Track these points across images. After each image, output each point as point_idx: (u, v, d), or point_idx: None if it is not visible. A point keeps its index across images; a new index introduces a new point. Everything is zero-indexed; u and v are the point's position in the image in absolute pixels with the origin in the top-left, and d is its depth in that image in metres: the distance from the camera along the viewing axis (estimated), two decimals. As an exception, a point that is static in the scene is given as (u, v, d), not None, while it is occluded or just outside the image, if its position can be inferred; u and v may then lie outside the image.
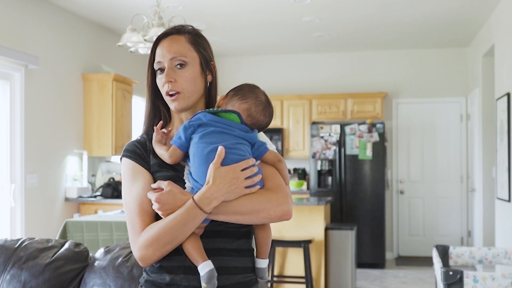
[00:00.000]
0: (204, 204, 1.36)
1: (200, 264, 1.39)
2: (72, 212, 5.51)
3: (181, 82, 1.50)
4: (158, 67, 1.53)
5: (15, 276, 2.08)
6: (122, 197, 1.53)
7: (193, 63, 1.53)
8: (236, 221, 1.42)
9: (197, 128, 1.44)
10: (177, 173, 1.47)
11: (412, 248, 7.58)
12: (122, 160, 1.54)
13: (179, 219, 1.37)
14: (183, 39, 1.55)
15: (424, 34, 6.65)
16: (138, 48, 4.47)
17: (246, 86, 1.55)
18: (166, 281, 1.44)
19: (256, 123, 1.52)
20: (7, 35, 4.64)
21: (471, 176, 7.25)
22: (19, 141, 4.78)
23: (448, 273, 2.95)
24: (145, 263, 1.43)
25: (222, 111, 1.48)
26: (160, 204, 1.38)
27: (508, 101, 4.91)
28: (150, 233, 1.40)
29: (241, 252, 1.49)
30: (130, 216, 1.46)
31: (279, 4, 5.37)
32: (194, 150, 1.43)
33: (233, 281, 1.46)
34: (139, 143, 1.54)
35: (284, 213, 1.43)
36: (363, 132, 6.86)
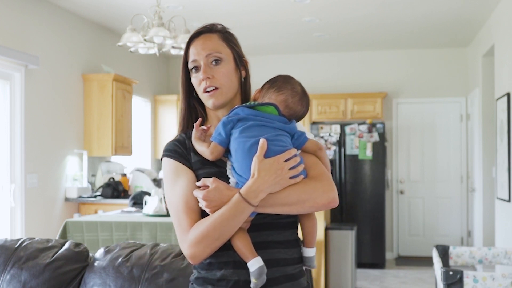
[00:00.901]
0: (251, 197, 1.37)
1: (250, 261, 1.40)
2: (72, 212, 5.51)
3: (218, 78, 1.52)
4: (193, 65, 1.54)
5: (15, 276, 2.08)
6: (166, 197, 1.54)
7: (228, 59, 1.55)
8: (282, 212, 1.42)
9: (236, 123, 1.45)
10: (220, 169, 1.48)
11: (412, 248, 7.58)
12: (163, 160, 1.55)
13: (227, 214, 1.37)
14: (215, 36, 1.57)
15: (424, 34, 6.65)
16: (138, 48, 4.47)
17: (281, 77, 1.56)
18: (217, 276, 1.46)
19: (294, 113, 1.53)
20: (7, 35, 4.64)
21: (471, 176, 7.25)
22: (19, 141, 4.78)
23: (448, 273, 2.95)
24: (196, 260, 1.44)
25: (259, 105, 1.49)
26: (207, 201, 1.39)
27: (508, 101, 4.91)
28: (198, 230, 1.41)
29: (288, 243, 1.49)
30: (176, 215, 1.47)
31: (279, 4, 5.36)
32: (235, 145, 1.43)
33: (282, 273, 1.46)
34: (179, 142, 1.55)
35: (331, 201, 1.43)
36: (363, 132, 6.86)
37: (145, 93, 7.20)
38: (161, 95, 7.54)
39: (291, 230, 1.51)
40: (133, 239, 3.92)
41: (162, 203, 4.29)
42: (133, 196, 5.02)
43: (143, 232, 3.94)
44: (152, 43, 4.33)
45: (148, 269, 2.03)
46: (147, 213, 4.28)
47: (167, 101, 7.41)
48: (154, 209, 4.25)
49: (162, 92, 7.76)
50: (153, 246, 2.17)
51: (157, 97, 7.44)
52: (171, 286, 1.97)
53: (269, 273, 1.42)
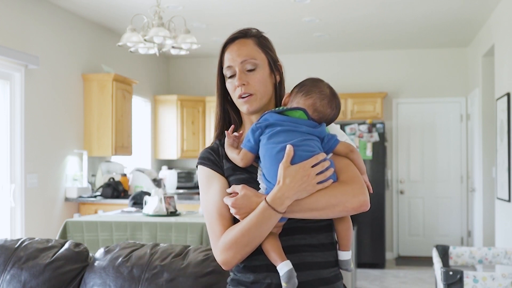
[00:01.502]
0: (277, 205, 1.37)
1: (279, 264, 1.40)
2: (72, 212, 5.51)
3: (253, 84, 1.53)
4: (229, 72, 1.55)
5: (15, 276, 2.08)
6: (200, 203, 1.58)
7: (263, 65, 1.56)
8: (312, 217, 1.42)
9: (265, 129, 1.46)
10: (251, 175, 1.50)
11: (412, 248, 7.58)
12: (198, 167, 1.58)
13: (255, 221, 1.39)
14: (250, 42, 1.57)
15: (424, 34, 6.65)
16: (138, 48, 4.47)
17: (309, 81, 1.56)
18: (251, 279, 1.48)
19: (324, 116, 1.52)
20: (7, 35, 4.64)
21: (471, 176, 7.25)
22: (19, 141, 4.78)
23: (448, 273, 2.95)
24: (227, 266, 1.46)
25: (288, 109, 1.49)
26: (236, 208, 1.41)
27: (508, 101, 4.91)
28: (228, 237, 1.43)
29: (322, 246, 1.49)
30: (209, 221, 1.50)
31: (279, 4, 5.36)
32: (264, 151, 1.44)
33: (315, 277, 1.46)
34: (212, 149, 1.58)
35: (361, 204, 1.43)
36: (363, 132, 6.86)
37: (145, 93, 7.20)
38: (161, 95, 7.54)
39: (326, 233, 1.51)
40: (133, 239, 3.92)
41: (162, 203, 4.29)
42: (133, 196, 5.02)
43: (143, 232, 3.94)
44: (152, 43, 4.33)
45: (148, 269, 2.03)
46: (147, 213, 4.28)
47: (167, 101, 7.41)
48: (154, 209, 4.25)
49: (162, 92, 7.76)
50: (153, 246, 2.17)
51: (157, 97, 7.44)
52: (171, 286, 1.97)
53: (302, 277, 1.42)
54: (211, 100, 7.48)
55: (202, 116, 7.55)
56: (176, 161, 7.83)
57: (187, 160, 7.83)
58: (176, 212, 4.37)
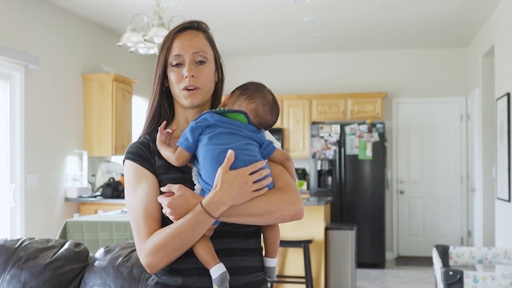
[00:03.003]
0: (212, 209, 1.33)
1: (212, 267, 1.37)
2: (72, 212, 5.51)
3: (201, 78, 1.49)
4: (176, 60, 1.49)
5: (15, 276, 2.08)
6: (125, 201, 1.49)
7: (211, 60, 1.53)
8: (249, 222, 1.40)
9: (205, 129, 1.42)
10: (185, 174, 1.44)
11: (412, 248, 7.58)
12: (125, 162, 1.49)
13: (187, 224, 1.34)
14: (201, 35, 1.54)
15: (424, 34, 6.65)
16: (138, 48, 4.47)
17: (253, 85, 1.53)
18: (179, 283, 1.42)
19: (263, 122, 1.50)
20: (7, 35, 4.64)
21: (471, 176, 7.25)
22: (19, 141, 4.78)
23: (448, 273, 2.95)
24: (153, 270, 1.40)
25: (229, 111, 1.46)
26: (172, 208, 1.35)
27: (508, 101, 4.91)
28: (157, 239, 1.37)
29: (250, 251, 1.47)
30: (135, 221, 1.43)
31: (279, 4, 5.36)
32: (204, 152, 1.40)
33: (244, 281, 1.44)
34: (143, 144, 1.50)
35: (297, 213, 1.41)
36: (363, 132, 6.86)
37: (145, 93, 7.20)
38: (161, 95, 7.53)
39: (254, 238, 1.49)
40: (133, 239, 3.92)
41: (162, 203, 4.28)
42: (133, 196, 5.02)
43: (143, 232, 3.94)
44: (152, 43, 4.33)
45: (148, 269, 2.02)
46: (147, 213, 4.27)
47: (167, 101, 7.39)
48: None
49: (162, 92, 7.75)
50: (153, 246, 2.16)
51: (157, 97, 7.43)
52: (171, 286, 1.97)
53: (232, 281, 1.39)
54: (211, 100, 7.48)
55: (202, 116, 7.54)
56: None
57: (187, 160, 7.82)
58: (176, 212, 4.37)
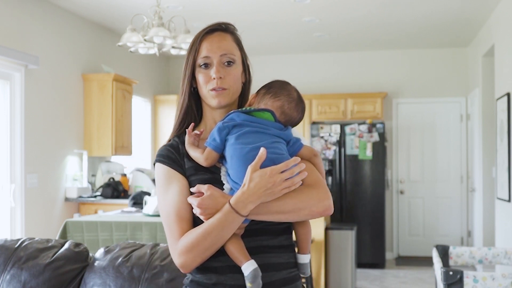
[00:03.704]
0: (240, 208, 1.34)
1: (244, 264, 1.38)
2: (72, 212, 5.51)
3: (228, 79, 1.51)
4: (204, 62, 1.51)
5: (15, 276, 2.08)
6: (157, 203, 1.52)
7: (238, 62, 1.55)
8: (278, 219, 1.41)
9: (232, 129, 1.43)
10: (214, 175, 1.46)
11: (412, 248, 7.58)
12: (155, 165, 1.52)
13: (217, 224, 1.36)
14: (229, 37, 1.56)
15: (424, 34, 6.65)
16: (138, 48, 4.47)
17: (277, 83, 1.54)
18: (213, 281, 1.44)
19: (290, 120, 1.51)
20: (7, 35, 4.64)
21: (471, 176, 7.25)
22: (19, 141, 4.78)
23: (448, 273, 2.95)
24: (186, 269, 1.42)
25: (255, 110, 1.47)
26: (201, 209, 1.37)
27: (508, 101, 4.91)
28: (189, 239, 1.40)
29: (282, 248, 1.48)
30: (167, 222, 1.45)
31: (279, 4, 5.36)
32: (231, 152, 1.41)
33: (278, 277, 1.45)
34: (172, 147, 1.53)
35: (326, 209, 1.42)
36: (363, 132, 6.86)
37: (145, 93, 7.20)
38: (161, 95, 7.54)
39: (286, 235, 1.50)
40: (133, 239, 3.92)
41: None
42: (133, 196, 5.02)
43: (143, 232, 3.94)
44: (152, 43, 4.33)
45: (148, 269, 2.02)
46: (147, 213, 4.28)
47: (167, 101, 7.41)
48: (154, 209, 4.25)
49: (162, 92, 7.76)
50: (153, 246, 2.17)
51: (157, 97, 7.44)
52: (171, 286, 1.97)
53: (266, 277, 1.41)
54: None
55: (202, 116, 7.54)
56: (176, 161, 7.83)
57: (187, 160, 7.82)
58: (176, 212, 4.36)
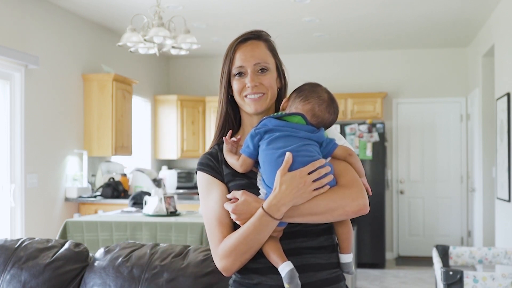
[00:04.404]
0: (273, 211, 1.38)
1: (280, 265, 1.41)
2: (72, 212, 5.51)
3: (265, 85, 1.54)
4: (239, 71, 1.55)
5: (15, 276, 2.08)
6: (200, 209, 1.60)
7: (273, 68, 1.58)
8: (312, 221, 1.43)
9: (264, 134, 1.46)
10: (250, 180, 1.50)
11: (412, 248, 7.58)
12: (197, 173, 1.59)
13: (252, 228, 1.40)
14: (262, 45, 1.59)
15: (424, 34, 6.65)
16: (138, 48, 4.47)
17: (308, 85, 1.56)
18: (254, 281, 1.49)
19: (322, 121, 1.52)
20: (7, 35, 4.64)
21: (471, 176, 7.25)
22: (19, 141, 4.78)
23: (448, 273, 2.95)
24: (228, 272, 1.47)
25: (286, 115, 1.49)
26: (236, 214, 1.42)
27: (508, 101, 4.91)
28: (227, 244, 1.45)
29: (323, 249, 1.50)
30: (209, 228, 1.51)
31: (279, 4, 5.36)
32: (263, 157, 1.44)
33: (318, 278, 1.47)
34: (211, 155, 1.59)
35: (361, 208, 1.44)
36: (363, 132, 6.86)
37: (145, 93, 7.20)
38: (161, 95, 7.54)
39: (326, 236, 1.52)
40: (133, 239, 3.92)
41: (162, 203, 4.29)
42: (133, 196, 5.02)
43: (143, 232, 3.94)
44: (152, 43, 4.33)
45: (148, 269, 2.03)
46: (147, 213, 4.28)
47: (167, 101, 7.41)
48: (154, 209, 4.25)
49: (162, 92, 7.76)
50: (153, 246, 2.17)
51: (157, 97, 7.44)
52: (171, 286, 1.97)
53: (305, 278, 1.44)
54: (211, 100, 7.48)
55: (202, 116, 7.55)
56: (176, 161, 7.83)
57: (187, 160, 7.82)
58: (176, 212, 4.37)
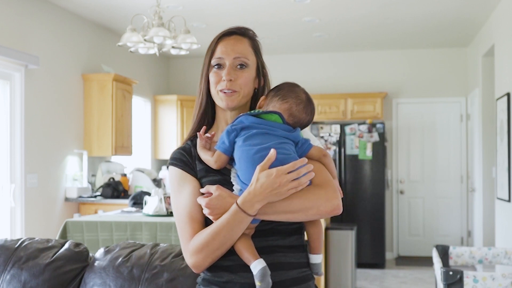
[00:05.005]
0: (247, 207, 1.37)
1: (252, 263, 1.40)
2: (72, 212, 5.51)
3: (239, 82, 1.53)
4: (217, 62, 1.55)
5: (15, 276, 2.08)
6: (171, 205, 1.56)
7: (252, 66, 1.58)
8: (286, 219, 1.43)
9: (240, 131, 1.46)
10: (224, 176, 1.50)
11: (412, 248, 7.58)
12: (169, 168, 1.57)
13: (226, 224, 1.38)
14: (246, 41, 1.59)
15: (424, 34, 6.65)
16: (138, 48, 4.47)
17: (286, 85, 1.57)
18: (224, 279, 1.47)
19: (298, 121, 1.53)
20: (7, 35, 4.64)
21: (471, 176, 7.25)
22: (19, 141, 4.78)
23: (448, 273, 2.95)
24: (198, 269, 1.46)
25: (263, 113, 1.50)
26: (210, 209, 1.40)
27: (508, 101, 4.91)
28: (199, 240, 1.43)
29: (293, 248, 1.50)
30: (180, 224, 1.49)
31: (279, 4, 5.36)
32: (239, 154, 1.44)
33: (288, 277, 1.47)
34: (184, 150, 1.57)
35: (334, 208, 1.44)
36: (363, 132, 6.86)
37: (145, 93, 7.20)
38: (161, 95, 7.54)
39: (297, 235, 1.52)
40: (133, 239, 3.92)
41: (162, 203, 4.28)
42: (133, 196, 5.02)
43: (143, 232, 3.94)
44: (152, 43, 4.33)
45: (148, 269, 2.02)
46: (147, 213, 4.28)
47: (167, 101, 7.41)
48: (154, 209, 4.25)
49: (162, 92, 7.76)
50: (153, 246, 2.17)
51: (157, 97, 7.44)
52: (171, 286, 1.97)
53: (276, 277, 1.43)
54: (211, 100, 7.48)
55: (202, 116, 7.54)
56: (176, 161, 7.82)
57: (187, 160, 7.82)
58: (176, 212, 4.36)
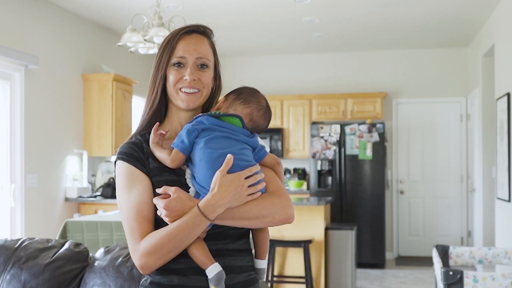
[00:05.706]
0: (209, 212, 1.35)
1: (209, 267, 1.38)
2: (72, 212, 5.51)
3: (202, 82, 1.51)
4: (178, 61, 1.50)
5: (15, 276, 2.08)
6: (117, 201, 1.48)
7: (211, 67, 1.55)
8: (242, 225, 1.42)
9: (201, 132, 1.43)
10: (178, 177, 1.45)
11: (412, 248, 7.58)
12: (117, 163, 1.48)
13: (184, 226, 1.35)
14: (206, 41, 1.57)
15: (424, 34, 6.65)
16: (138, 48, 4.47)
17: (247, 90, 1.55)
18: (174, 283, 1.43)
19: (257, 127, 1.54)
20: (7, 35, 4.64)
21: (471, 176, 7.25)
22: (19, 141, 4.78)
23: (448, 273, 2.95)
24: (147, 271, 1.41)
25: (224, 115, 1.48)
26: (168, 210, 1.35)
27: (508, 101, 4.91)
28: (152, 241, 1.38)
29: (242, 252, 1.50)
30: (128, 223, 1.42)
31: (279, 4, 5.36)
32: (200, 155, 1.41)
33: (238, 280, 1.47)
34: (135, 144, 1.49)
35: (288, 217, 1.45)
36: (363, 132, 6.86)
37: (145, 93, 7.18)
38: (161, 95, 7.53)
39: (244, 239, 1.52)
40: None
41: (162, 203, 4.28)
42: (133, 196, 5.02)
43: (143, 232, 3.94)
44: (152, 43, 4.33)
45: (148, 269, 2.02)
46: (147, 213, 4.27)
47: (167, 101, 7.40)
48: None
49: (162, 92, 7.75)
50: (153, 246, 2.16)
51: (157, 97, 7.43)
52: (171, 286, 1.97)
53: (227, 280, 1.41)
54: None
55: (202, 116, 7.54)
56: (176, 161, 7.82)
57: (187, 160, 7.82)
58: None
